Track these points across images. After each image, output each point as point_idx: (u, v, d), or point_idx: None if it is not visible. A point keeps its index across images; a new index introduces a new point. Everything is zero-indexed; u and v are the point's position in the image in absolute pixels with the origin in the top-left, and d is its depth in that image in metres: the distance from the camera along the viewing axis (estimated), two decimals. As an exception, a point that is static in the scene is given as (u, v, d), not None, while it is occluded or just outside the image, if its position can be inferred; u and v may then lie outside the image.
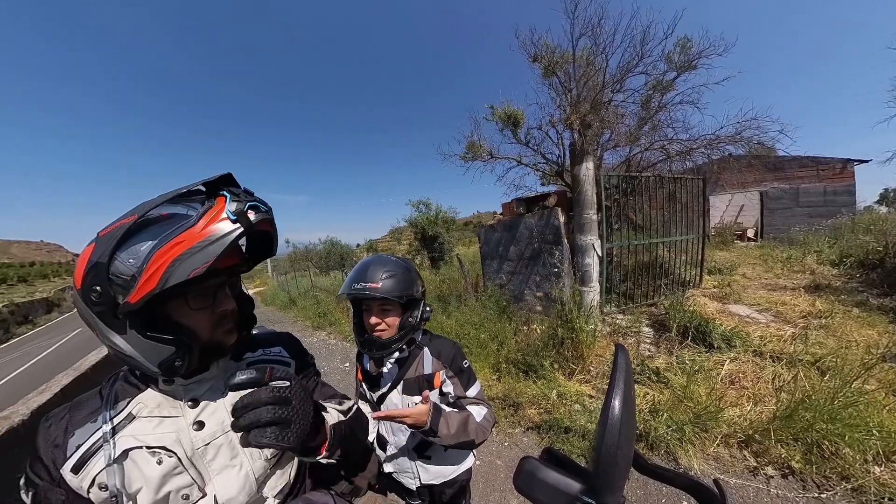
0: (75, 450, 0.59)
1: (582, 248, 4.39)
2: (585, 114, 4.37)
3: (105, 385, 0.67)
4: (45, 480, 0.58)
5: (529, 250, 5.04)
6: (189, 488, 0.63)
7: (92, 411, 0.63)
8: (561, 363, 3.55)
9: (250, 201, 0.58)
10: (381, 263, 1.10)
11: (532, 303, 5.10)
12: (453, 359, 1.17)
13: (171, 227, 0.55)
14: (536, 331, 4.24)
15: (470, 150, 5.59)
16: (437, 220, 11.77)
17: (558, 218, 4.56)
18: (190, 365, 0.61)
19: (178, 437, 0.63)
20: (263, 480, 0.70)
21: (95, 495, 0.58)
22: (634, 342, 3.88)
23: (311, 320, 9.03)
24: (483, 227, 6.11)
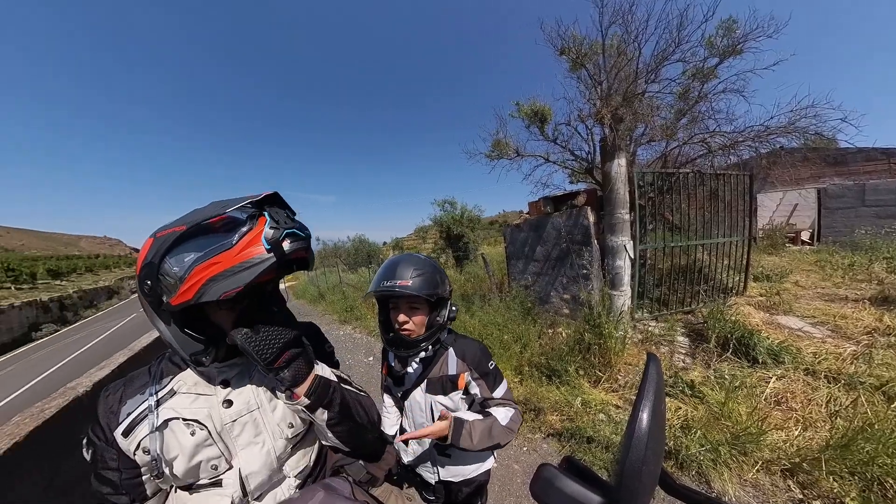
0: (126, 416, 0.68)
1: (613, 250, 4.19)
2: (617, 107, 4.12)
3: (153, 363, 0.77)
4: (101, 441, 0.69)
5: (557, 251, 4.89)
6: (217, 460, 0.70)
7: (141, 385, 0.72)
8: (587, 370, 3.41)
9: (288, 228, 0.62)
10: (411, 262, 1.11)
11: (558, 305, 4.95)
12: (479, 361, 1.16)
13: (214, 245, 0.59)
14: (562, 334, 4.12)
15: (496, 149, 5.49)
16: (463, 220, 11.73)
17: (587, 217, 4.38)
18: (216, 359, 0.69)
19: (209, 412, 0.71)
20: (284, 459, 0.78)
21: (140, 458, 0.67)
22: (667, 352, 3.65)
23: (339, 314, 9.33)
24: (509, 226, 6.02)
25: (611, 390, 3.23)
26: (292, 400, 0.71)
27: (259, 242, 0.59)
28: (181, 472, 0.68)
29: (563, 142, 5.25)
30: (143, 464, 0.68)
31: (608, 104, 4.19)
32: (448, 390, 1.14)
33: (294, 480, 0.78)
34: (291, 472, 0.79)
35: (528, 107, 5.07)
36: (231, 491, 0.71)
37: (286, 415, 0.78)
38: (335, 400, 0.74)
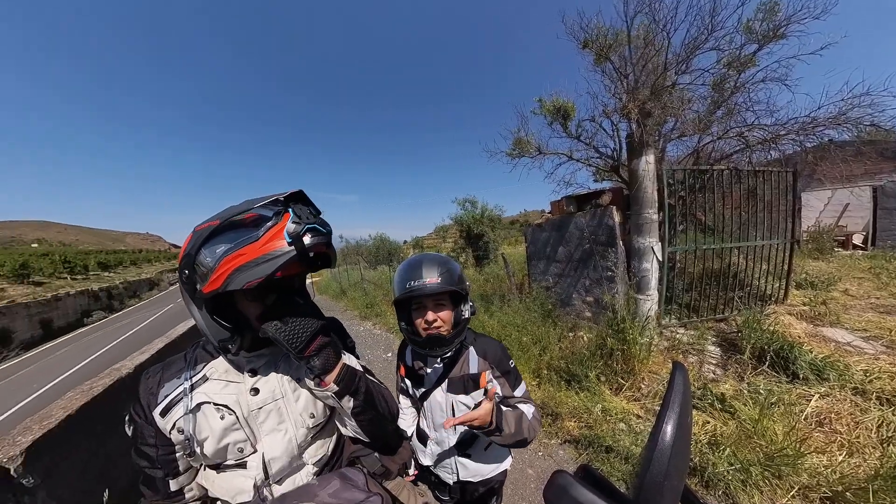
0: (164, 398, 0.74)
1: (639, 252, 4.01)
2: (645, 101, 3.90)
3: (189, 350, 0.83)
4: (141, 419, 0.75)
5: (580, 252, 4.74)
6: (243, 443, 0.75)
7: (178, 370, 0.78)
8: (608, 376, 3.28)
9: (310, 223, 0.65)
10: (433, 260, 1.12)
11: (580, 308, 4.80)
12: (500, 359, 1.17)
13: (242, 238, 0.64)
14: (583, 338, 4.00)
15: (517, 147, 5.35)
16: (483, 219, 11.65)
17: (613, 217, 4.21)
18: (241, 347, 0.74)
19: (237, 399, 0.76)
20: (304, 447, 0.82)
21: (175, 437, 0.73)
22: (696, 361, 3.44)
23: (360, 310, 9.57)
24: (530, 226, 5.91)
25: (633, 399, 3.09)
26: (321, 387, 0.75)
27: (281, 236, 0.63)
28: (210, 453, 0.73)
29: (586, 139, 5.03)
30: (177, 442, 0.74)
31: (635, 98, 3.96)
32: (470, 389, 1.14)
33: (312, 468, 0.82)
34: (310, 460, 0.83)
35: (551, 103, 4.87)
36: (254, 473, 0.76)
37: (308, 405, 0.82)
38: (360, 388, 0.79)
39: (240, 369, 0.79)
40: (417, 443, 1.25)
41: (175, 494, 0.76)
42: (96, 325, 22.73)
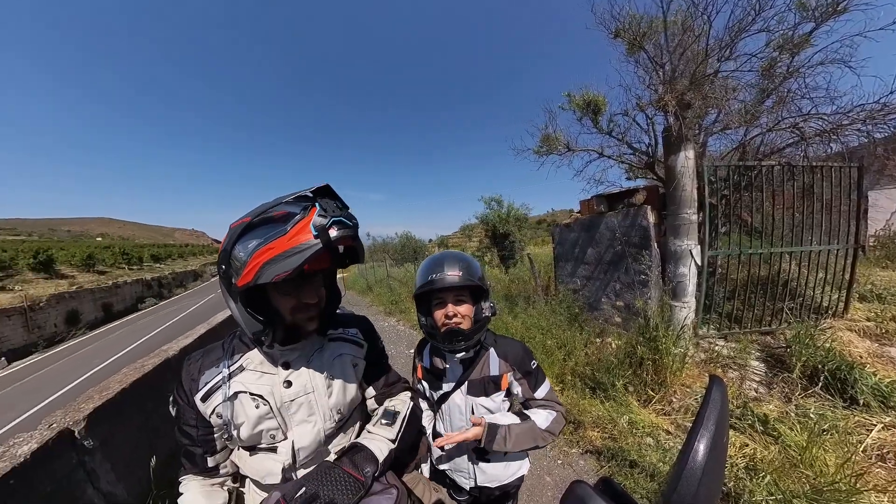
0: (204, 385, 0.80)
1: (676, 255, 3.75)
2: (683, 91, 3.59)
3: (226, 340, 0.88)
4: (183, 402, 0.81)
5: (610, 254, 4.53)
6: (276, 431, 0.81)
7: (216, 359, 0.84)
8: (637, 387, 3.10)
9: (336, 217, 0.67)
10: (454, 255, 1.14)
11: (609, 313, 4.59)
12: (521, 360, 1.15)
13: (271, 232, 0.67)
14: (611, 345, 3.81)
15: (544, 144, 5.17)
16: (509, 218, 11.46)
17: (647, 218, 3.98)
18: (274, 339, 0.77)
19: (271, 390, 0.80)
20: (331, 438, 0.87)
21: (214, 420, 0.80)
22: (737, 377, 3.16)
23: (385, 306, 9.82)
24: (558, 225, 5.74)
25: (663, 413, 2.90)
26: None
27: (308, 230, 0.65)
28: (245, 437, 0.79)
29: (619, 134, 4.76)
30: (215, 425, 0.80)
31: (672, 89, 3.67)
32: (490, 391, 1.13)
33: (335, 457, 0.85)
34: (334, 449, 0.87)
35: (580, 97, 4.65)
36: (283, 458, 0.80)
37: (338, 403, 0.87)
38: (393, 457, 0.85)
39: (274, 362, 0.83)
40: (434, 446, 1.22)
41: (211, 470, 0.83)
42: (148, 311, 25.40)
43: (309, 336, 0.84)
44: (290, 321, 0.78)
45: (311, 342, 0.88)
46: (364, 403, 1.00)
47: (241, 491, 0.88)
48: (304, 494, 0.64)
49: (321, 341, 0.90)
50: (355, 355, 0.95)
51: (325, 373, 0.86)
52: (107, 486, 2.05)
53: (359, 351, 0.96)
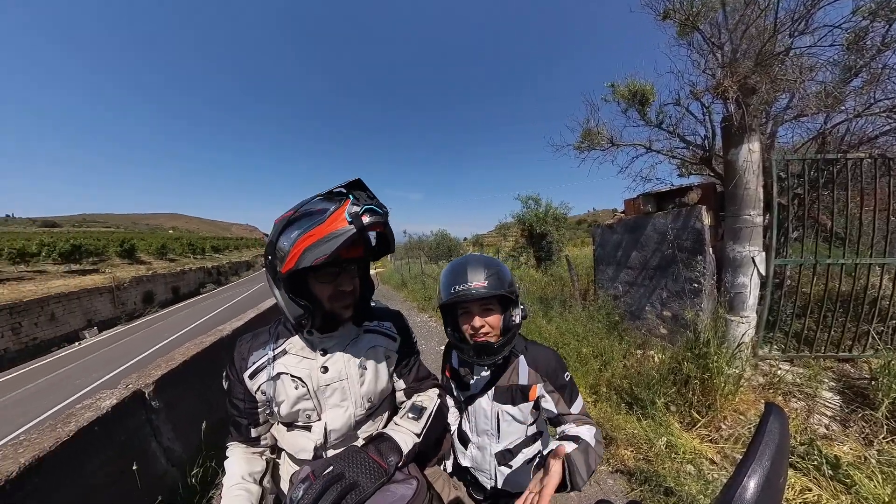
0: (252, 364, 0.90)
1: (735, 262, 3.34)
2: (747, 74, 3.11)
3: (272, 325, 0.97)
4: (234, 378, 0.92)
5: (657, 258, 4.17)
6: (311, 412, 0.89)
7: (263, 342, 0.93)
8: (680, 407, 2.81)
9: (368, 205, 0.74)
10: (478, 262, 1.06)
11: (653, 323, 4.24)
12: (553, 371, 1.08)
13: (311, 222, 0.74)
14: (654, 358, 3.50)
15: (586, 139, 4.84)
16: (547, 217, 11.05)
17: (701, 219, 3.59)
18: (313, 325, 0.84)
19: (309, 373, 0.88)
20: (360, 424, 0.94)
21: (258, 396, 0.89)
22: (803, 408, 2.74)
23: (418, 302, 10.01)
24: (599, 226, 5.41)
25: (708, 439, 2.58)
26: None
27: (343, 217, 0.72)
28: (284, 414, 0.88)
29: (669, 126, 4.30)
30: (259, 401, 0.90)
31: (733, 72, 3.20)
32: (518, 401, 1.09)
33: (362, 442, 0.91)
34: (363, 435, 0.94)
35: (625, 87, 4.24)
36: (316, 437, 0.89)
37: (369, 391, 0.93)
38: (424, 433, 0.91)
39: (313, 348, 0.91)
40: (458, 443, 1.23)
41: (253, 440, 0.93)
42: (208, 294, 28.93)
43: (345, 324, 0.91)
44: (328, 308, 0.85)
45: (348, 332, 0.94)
46: (394, 395, 1.05)
47: (277, 462, 0.98)
48: (332, 472, 0.67)
49: (357, 332, 0.96)
50: (388, 348, 1.00)
51: (359, 362, 0.93)
52: (167, 442, 2.41)
53: (392, 344, 1.02)
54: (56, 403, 7.92)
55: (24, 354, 13.19)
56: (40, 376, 10.54)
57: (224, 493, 0.85)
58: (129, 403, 2.15)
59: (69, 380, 9.71)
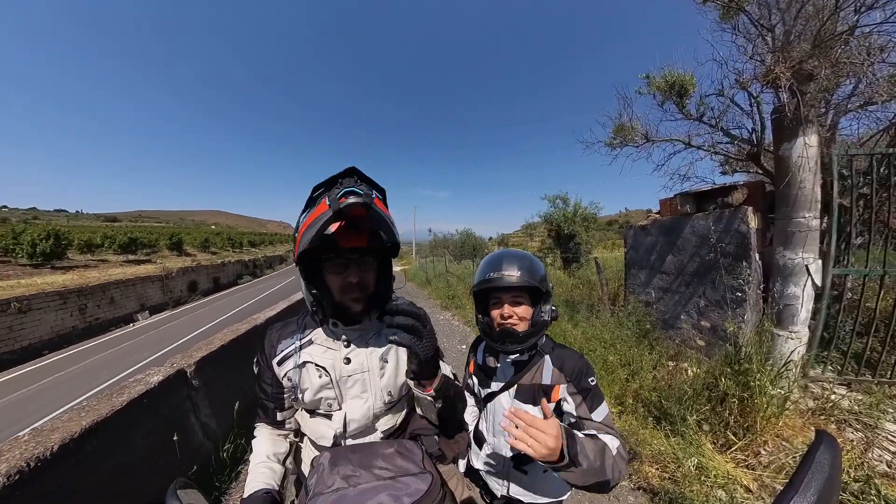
0: (280, 352, 0.95)
1: (786, 270, 3.03)
2: (803, 59, 2.77)
3: (301, 316, 1.01)
4: (264, 364, 0.96)
5: (695, 263, 3.90)
6: (332, 401, 0.92)
7: (292, 331, 0.98)
8: (714, 426, 2.58)
9: (347, 188, 0.74)
10: (514, 255, 1.11)
11: (688, 334, 3.95)
12: (578, 374, 1.05)
13: (309, 210, 0.78)
14: (687, 371, 3.26)
15: (618, 135, 4.57)
16: (576, 218, 10.62)
17: (747, 221, 3.31)
18: (324, 315, 0.89)
19: (333, 363, 0.92)
20: (379, 416, 0.96)
21: (285, 382, 0.94)
22: (860, 440, 2.42)
23: (441, 300, 10.06)
24: (632, 227, 5.15)
25: (744, 464, 2.35)
26: (423, 391, 0.85)
27: (325, 203, 0.74)
28: (307, 401, 0.92)
29: (711, 119, 3.95)
30: (286, 387, 0.94)
31: (786, 57, 2.87)
32: (539, 401, 1.05)
33: (381, 434, 0.96)
34: (381, 427, 0.96)
35: (662, 79, 3.92)
36: (336, 426, 0.92)
37: (388, 384, 0.95)
38: (450, 394, 0.89)
39: (337, 339, 0.94)
40: (473, 444, 1.23)
41: (279, 423, 0.99)
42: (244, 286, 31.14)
43: (369, 318, 0.94)
44: (337, 299, 0.88)
45: (372, 326, 0.97)
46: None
47: (299, 446, 1.04)
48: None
49: (380, 326, 0.97)
50: None
51: (381, 355, 0.95)
52: (204, 418, 2.62)
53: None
54: (113, 376, 8.87)
55: (88, 332, 14.79)
56: (102, 351, 11.84)
57: (250, 469, 0.93)
58: (173, 380, 2.36)
59: (124, 356, 10.81)
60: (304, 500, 0.69)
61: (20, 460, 1.35)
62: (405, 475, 0.72)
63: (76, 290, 14.70)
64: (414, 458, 0.77)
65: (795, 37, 3.02)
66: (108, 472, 1.74)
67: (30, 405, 7.60)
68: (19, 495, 1.32)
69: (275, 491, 0.87)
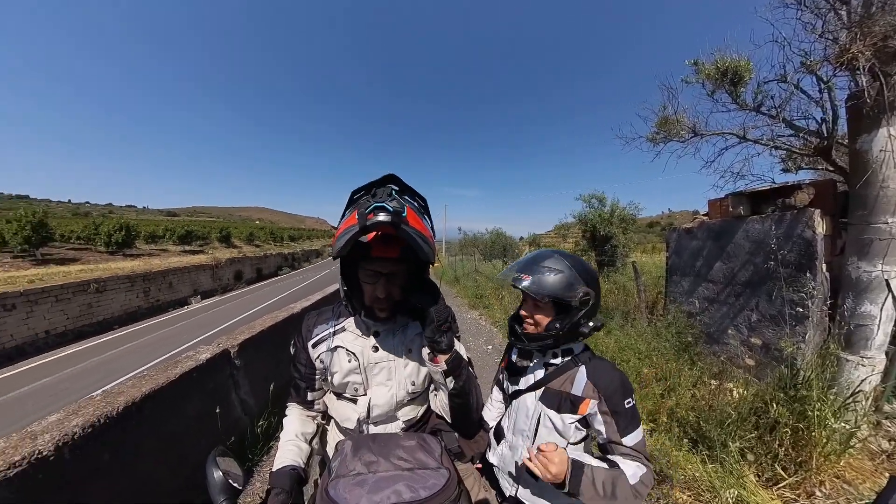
0: (316, 336, 1.04)
1: (860, 285, 2.63)
2: (888, 33, 2.35)
3: (336, 305, 1.10)
4: (299, 346, 1.06)
5: (748, 272, 3.54)
6: (359, 385, 1.00)
7: (327, 318, 1.07)
8: (759, 456, 2.30)
9: (377, 203, 0.74)
10: (547, 258, 1.08)
11: (736, 350, 3.59)
12: (614, 393, 0.99)
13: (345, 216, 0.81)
14: (733, 393, 2.97)
15: (662, 129, 4.18)
16: (613, 218, 9.99)
17: (813, 226, 2.93)
18: (354, 310, 0.99)
19: (362, 350, 0.99)
20: (401, 406, 1.02)
21: (317, 364, 1.03)
22: None
23: (469, 300, 10.03)
24: (675, 230, 4.80)
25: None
26: (434, 363, 0.91)
27: (355, 216, 0.75)
28: (336, 383, 1.00)
29: (771, 108, 3.49)
30: (318, 369, 1.03)
31: (866, 32, 2.44)
32: (564, 409, 1.04)
33: (402, 423, 1.03)
34: (402, 417, 1.03)
35: (712, 65, 3.50)
36: (360, 410, 0.99)
37: (412, 374, 1.01)
38: (463, 374, 0.93)
39: (367, 329, 1.02)
40: (493, 439, 1.24)
41: (309, 403, 1.07)
42: (284, 277, 33.65)
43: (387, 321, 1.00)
44: (366, 303, 0.96)
45: (400, 320, 1.03)
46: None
47: (326, 428, 1.11)
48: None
49: (407, 320, 1.04)
50: None
51: (405, 347, 1.01)
52: (243, 395, 2.87)
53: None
54: (169, 351, 9.91)
55: (151, 311, 16.84)
56: (161, 329, 13.35)
57: (280, 445, 0.99)
58: (219, 359, 2.62)
59: (179, 334, 12.10)
60: (327, 480, 0.73)
61: (93, 416, 1.57)
62: (423, 468, 0.74)
63: (142, 274, 16.74)
64: (433, 452, 0.79)
65: (878, 8, 2.52)
66: (164, 434, 1.98)
67: (102, 369, 8.82)
68: (92, 445, 1.53)
69: (300, 468, 0.93)
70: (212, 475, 0.73)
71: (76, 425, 1.48)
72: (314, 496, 0.85)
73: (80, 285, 13.13)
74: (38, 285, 11.80)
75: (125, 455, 1.70)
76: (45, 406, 6.71)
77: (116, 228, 22.66)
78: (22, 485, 1.24)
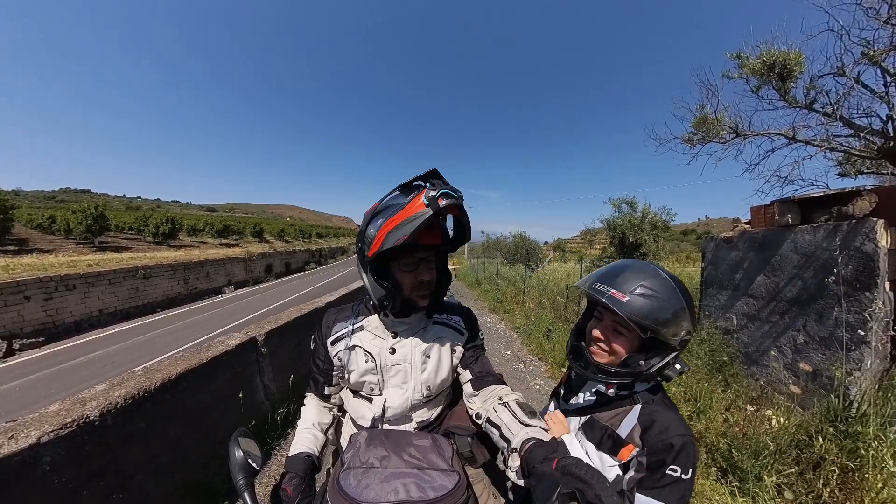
0: (335, 333, 1.05)
1: (930, 306, 2.29)
2: None
3: (356, 304, 1.11)
4: (319, 341, 1.07)
5: (795, 288, 3.22)
6: (375, 385, 1.00)
7: (346, 316, 1.07)
8: (800, 495, 2.06)
9: (443, 189, 0.80)
10: (643, 273, 0.88)
11: (778, 375, 3.27)
12: (662, 450, 0.77)
13: (393, 211, 0.83)
14: (772, 421, 2.70)
15: (699, 128, 3.91)
16: (643, 224, 9.50)
17: (875, 239, 2.63)
18: (393, 308, 0.95)
19: (379, 351, 0.99)
20: (415, 408, 1.03)
21: (335, 361, 1.04)
22: None
23: (490, 303, 9.97)
24: (713, 238, 4.47)
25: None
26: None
27: (421, 202, 0.79)
28: (352, 381, 1.01)
29: (826, 106, 3.19)
30: (335, 365, 1.04)
31: None
32: (603, 447, 0.88)
33: (415, 424, 1.03)
34: (416, 419, 1.04)
35: (757, 59, 3.20)
36: (375, 409, 1.00)
37: (428, 379, 1.01)
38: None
39: (386, 329, 1.02)
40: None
41: (326, 397, 1.09)
42: (310, 272, 35.39)
43: (418, 312, 1.00)
44: (406, 295, 0.94)
45: (419, 320, 1.03)
46: (451, 389, 1.14)
47: (341, 420, 1.15)
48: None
49: (427, 322, 1.05)
50: (454, 341, 1.07)
51: (424, 350, 1.01)
52: (267, 381, 3.04)
53: (459, 338, 1.08)
54: (203, 335, 10.72)
55: (188, 298, 18.25)
56: (197, 314, 14.54)
57: (297, 432, 1.02)
58: (247, 345, 2.81)
59: (213, 320, 13.23)
60: (339, 469, 0.76)
61: (133, 388, 1.76)
62: (433, 469, 0.76)
63: (183, 264, 18.27)
64: (444, 454, 0.81)
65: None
66: (193, 410, 2.19)
67: (144, 347, 9.84)
68: (131, 414, 1.72)
69: (315, 456, 0.95)
70: (233, 454, 0.76)
71: (119, 395, 1.68)
72: (326, 485, 0.88)
73: (129, 271, 14.57)
74: (94, 269, 13.20)
75: (158, 425, 1.89)
76: (96, 375, 7.63)
77: (163, 221, 25.15)
78: (71, 444, 1.42)
